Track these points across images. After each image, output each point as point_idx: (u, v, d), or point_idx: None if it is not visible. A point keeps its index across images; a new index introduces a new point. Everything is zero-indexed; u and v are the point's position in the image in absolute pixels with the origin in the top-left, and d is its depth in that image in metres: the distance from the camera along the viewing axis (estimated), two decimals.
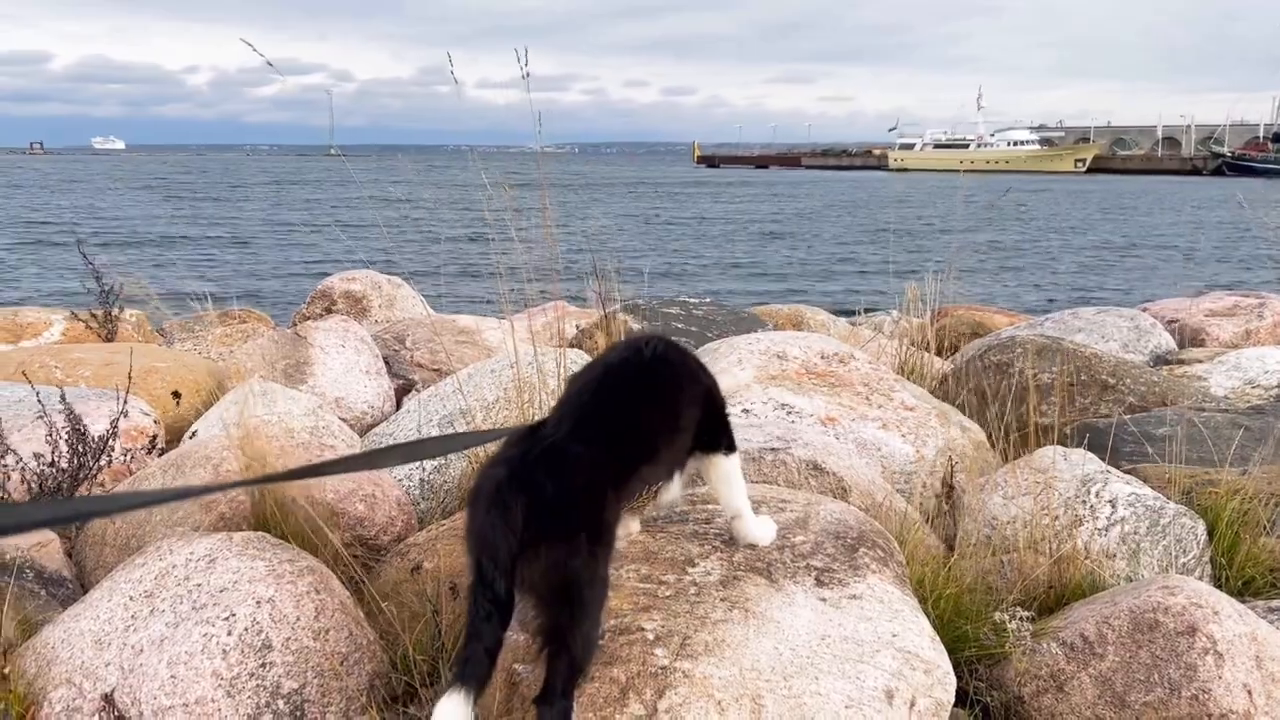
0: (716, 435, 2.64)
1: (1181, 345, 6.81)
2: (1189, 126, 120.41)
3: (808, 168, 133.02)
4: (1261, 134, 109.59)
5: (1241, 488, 3.77)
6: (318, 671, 2.61)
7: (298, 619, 2.66)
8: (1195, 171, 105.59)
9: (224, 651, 2.54)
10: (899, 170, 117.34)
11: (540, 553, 2.04)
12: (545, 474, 2.10)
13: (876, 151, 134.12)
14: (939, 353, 7.21)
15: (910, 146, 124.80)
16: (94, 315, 6.67)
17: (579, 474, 2.14)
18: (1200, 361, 6.07)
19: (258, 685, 2.53)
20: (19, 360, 5.57)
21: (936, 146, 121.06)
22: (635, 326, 6.29)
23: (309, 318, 7.45)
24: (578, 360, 5.12)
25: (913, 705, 2.42)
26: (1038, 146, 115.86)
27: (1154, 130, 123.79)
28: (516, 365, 4.62)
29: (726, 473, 2.68)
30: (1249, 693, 2.56)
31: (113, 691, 2.41)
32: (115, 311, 6.68)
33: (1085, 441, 4.28)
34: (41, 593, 3.28)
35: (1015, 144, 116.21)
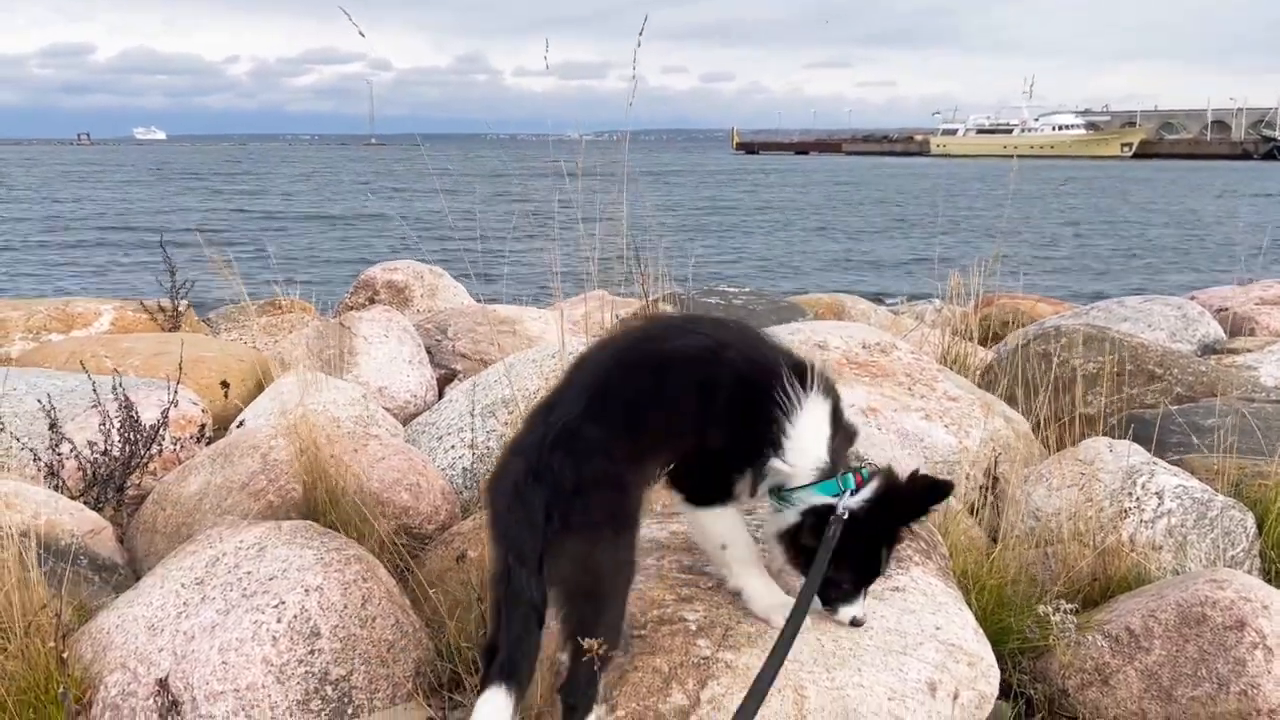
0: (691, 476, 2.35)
1: (1230, 334, 6.71)
2: (1239, 109, 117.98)
3: (848, 153, 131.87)
4: None
5: None
6: (365, 659, 2.66)
7: (345, 607, 2.70)
8: (1246, 156, 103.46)
9: (274, 638, 2.58)
10: (941, 156, 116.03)
11: (565, 547, 2.05)
12: (563, 462, 2.09)
13: (918, 137, 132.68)
14: (982, 342, 7.15)
15: (953, 132, 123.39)
16: (162, 307, 6.78)
17: (596, 460, 2.12)
18: (1250, 351, 5.97)
19: (306, 672, 2.58)
20: (70, 350, 5.69)
21: (979, 132, 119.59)
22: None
23: (352, 308, 7.52)
24: None
25: (956, 697, 2.42)
26: (1083, 131, 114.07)
27: (1203, 114, 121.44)
28: (561, 354, 4.65)
29: (691, 529, 2.46)
30: None
31: (167, 677, 2.47)
32: (182, 305, 6.79)
33: (1131, 432, 4.22)
34: (95, 579, 3.35)
35: (1060, 129, 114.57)
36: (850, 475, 2.31)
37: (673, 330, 2.48)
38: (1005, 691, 2.83)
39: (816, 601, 2.35)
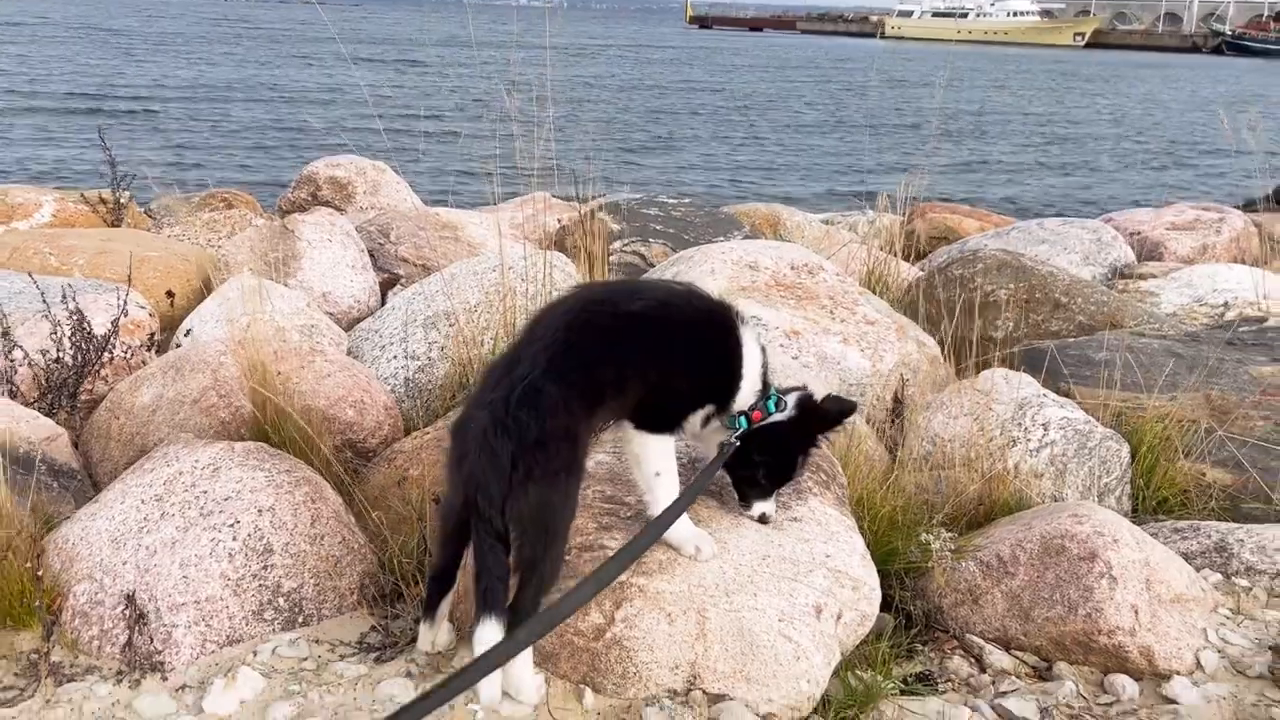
0: (648, 410, 2.65)
1: (1141, 259, 7.06)
2: (1191, 1, 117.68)
3: (803, 32, 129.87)
4: (1266, 12, 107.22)
5: (1167, 413, 4.08)
6: (314, 573, 2.92)
7: (295, 526, 2.96)
8: (1195, 49, 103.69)
9: (230, 555, 2.84)
10: (895, 39, 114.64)
11: (528, 490, 2.33)
12: (528, 417, 2.35)
13: (874, 18, 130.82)
14: (912, 257, 7.45)
15: (909, 14, 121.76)
16: (103, 199, 6.76)
17: (558, 415, 2.38)
18: (1155, 276, 6.33)
19: (260, 585, 2.84)
20: (13, 245, 5.74)
21: (935, 15, 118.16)
22: (614, 226, 6.48)
23: (295, 204, 7.58)
24: (559, 264, 5.34)
25: (839, 618, 2.76)
26: (1037, 19, 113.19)
27: (1156, 4, 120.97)
28: (503, 268, 4.84)
29: (636, 452, 2.71)
30: (1135, 612, 2.91)
31: (134, 592, 2.71)
32: (125, 198, 6.78)
33: (1029, 363, 4.56)
34: (54, 485, 3.54)
35: (1015, 14, 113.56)
36: (775, 395, 2.76)
37: (623, 295, 2.76)
38: (891, 606, 3.19)
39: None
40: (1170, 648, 2.90)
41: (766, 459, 2.78)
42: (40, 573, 2.72)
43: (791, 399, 2.80)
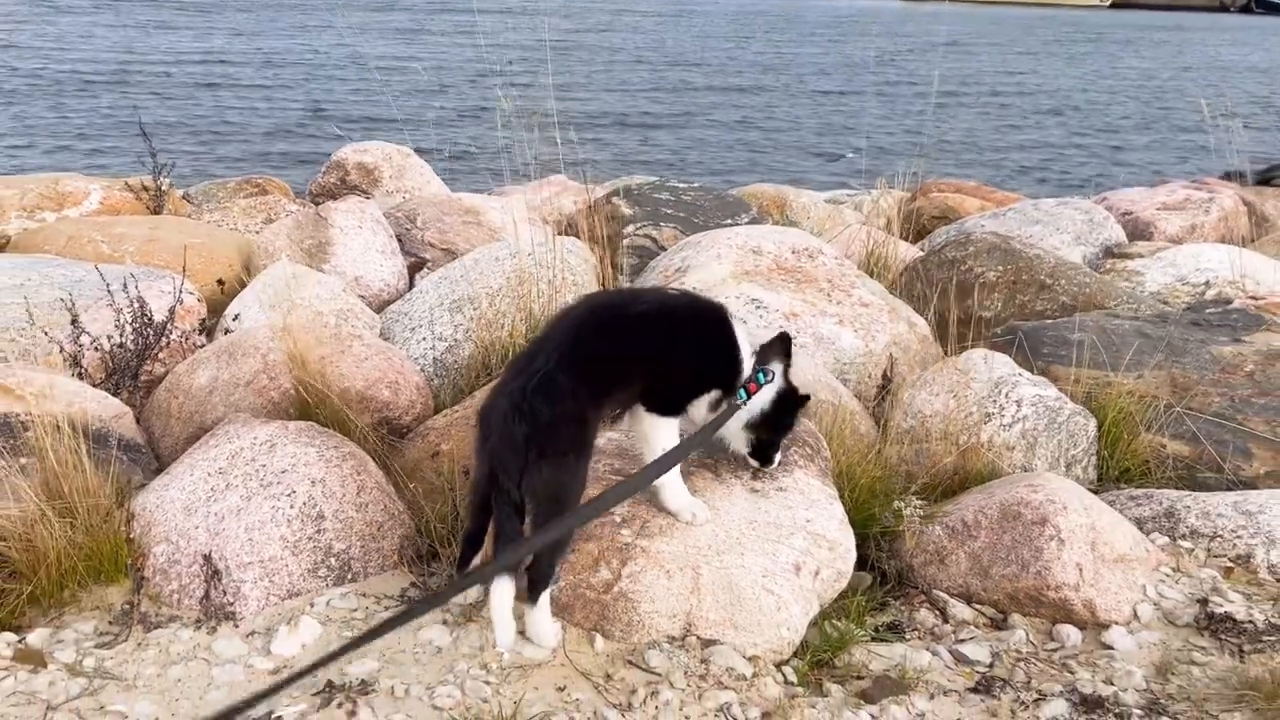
0: (656, 396, 3.05)
1: (1131, 238, 7.37)
2: None
3: None
4: None
5: (1131, 390, 4.44)
6: (360, 536, 3.35)
7: (343, 495, 3.38)
8: (1223, 8, 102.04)
9: (288, 520, 3.27)
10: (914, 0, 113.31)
11: (541, 467, 2.74)
12: (540, 403, 2.76)
13: None
14: (914, 236, 7.79)
15: None
16: (145, 187, 7.18)
17: (567, 402, 2.79)
18: (1142, 256, 6.65)
19: (314, 546, 3.27)
20: (68, 234, 6.17)
21: None
22: (626, 211, 6.84)
23: (324, 188, 7.98)
24: (573, 250, 5.73)
25: (817, 574, 3.17)
26: None
27: None
28: (519, 255, 5.23)
29: (645, 431, 3.10)
30: (1080, 569, 3.30)
31: (210, 553, 3.15)
32: (165, 185, 7.19)
33: (1012, 343, 4.93)
34: (124, 459, 3.98)
35: None
36: (764, 371, 3.20)
37: (628, 301, 3.17)
38: (868, 565, 3.60)
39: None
40: (1110, 601, 3.30)
41: (771, 418, 3.24)
42: (131, 537, 3.16)
43: (777, 369, 3.27)
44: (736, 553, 3.07)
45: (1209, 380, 4.55)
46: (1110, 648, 3.17)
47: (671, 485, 3.14)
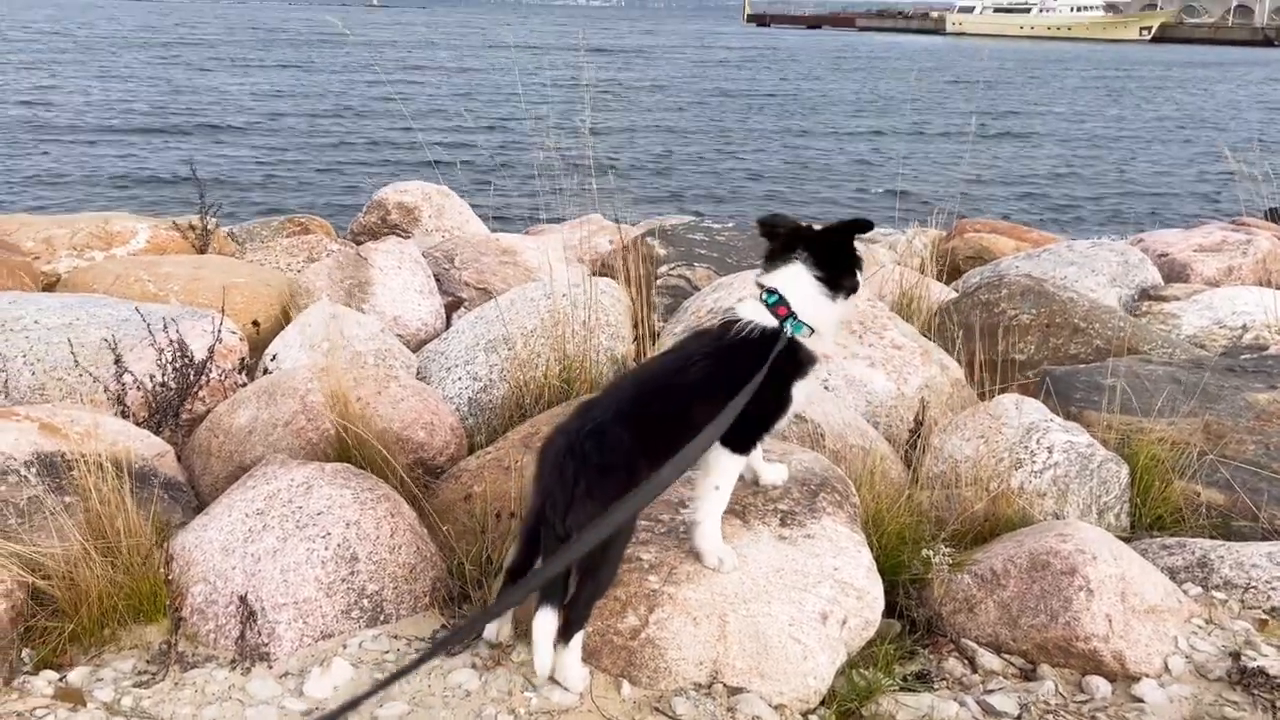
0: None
1: (1167, 280, 7.32)
2: None
3: (862, 29, 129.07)
4: None
5: (1164, 437, 4.42)
6: (392, 578, 3.41)
7: (377, 537, 3.44)
8: (1267, 43, 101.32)
9: (322, 562, 3.33)
10: (957, 35, 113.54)
11: (586, 505, 2.79)
12: (593, 447, 2.84)
13: (934, 14, 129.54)
14: (950, 275, 7.78)
15: (970, 10, 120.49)
16: (192, 226, 7.37)
17: (618, 452, 2.86)
18: (1178, 299, 6.61)
19: (348, 588, 3.33)
20: (116, 273, 6.33)
21: (997, 10, 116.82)
22: (661, 251, 6.91)
23: (365, 227, 8.13)
24: (607, 290, 5.79)
25: (844, 623, 3.18)
26: (1101, 13, 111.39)
27: None
28: (554, 296, 5.31)
29: (710, 462, 3.10)
30: (1109, 620, 3.29)
31: (246, 594, 3.22)
32: (212, 224, 7.37)
33: (1045, 387, 4.92)
34: (166, 497, 4.07)
35: (1079, 9, 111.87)
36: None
37: (679, 362, 3.11)
38: (897, 612, 3.60)
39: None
40: (1141, 653, 3.28)
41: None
42: (170, 577, 3.23)
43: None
44: (763, 601, 3.09)
45: (1244, 427, 4.51)
46: (1140, 700, 3.15)
47: (710, 524, 3.17)
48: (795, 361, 3.09)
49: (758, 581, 3.15)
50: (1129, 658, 3.27)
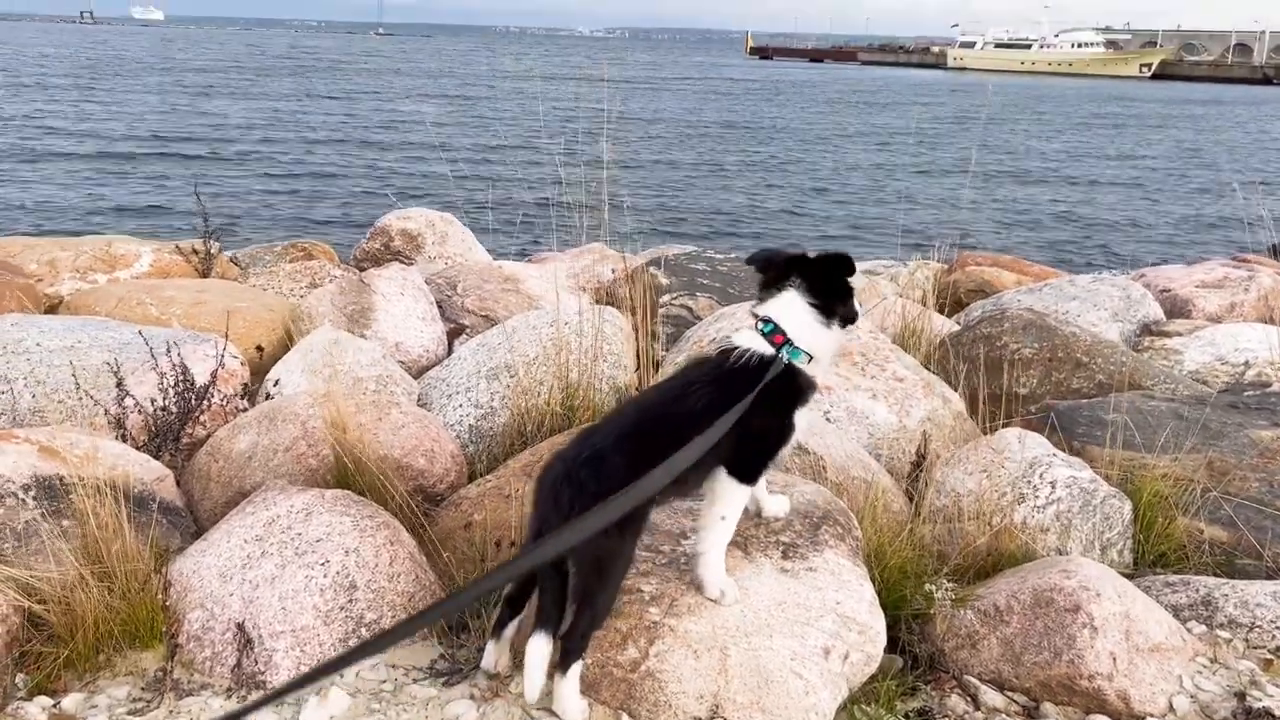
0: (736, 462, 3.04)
1: (1169, 315, 7.33)
2: (1263, 32, 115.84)
3: (864, 63, 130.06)
4: None
5: (1167, 473, 4.40)
6: (392, 606, 3.38)
7: (376, 565, 3.42)
8: (1266, 81, 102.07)
9: (321, 590, 3.31)
10: (957, 69, 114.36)
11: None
12: (589, 475, 2.82)
13: (935, 49, 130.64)
14: (951, 308, 7.79)
15: (971, 45, 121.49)
16: (195, 250, 7.38)
17: (615, 479, 2.80)
18: (1180, 335, 6.61)
19: (346, 616, 3.30)
20: (119, 295, 6.34)
21: (998, 46, 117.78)
22: (663, 280, 6.92)
23: (369, 253, 8.15)
24: (609, 319, 5.79)
25: (846, 658, 3.15)
26: (1102, 50, 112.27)
27: (1226, 35, 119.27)
28: (557, 324, 5.31)
29: (717, 491, 3.08)
30: (1114, 659, 3.26)
31: (243, 622, 3.19)
32: (215, 249, 7.39)
33: (1047, 422, 4.90)
34: (164, 521, 4.04)
35: (1079, 45, 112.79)
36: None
37: (678, 390, 3.08)
38: (899, 647, 3.57)
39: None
40: (1145, 692, 3.25)
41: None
42: (167, 603, 3.21)
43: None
44: (765, 634, 3.07)
45: (1247, 464, 4.50)
46: None
47: (714, 554, 3.14)
48: (795, 388, 3.07)
49: (759, 614, 3.12)
50: (1133, 697, 3.24)
